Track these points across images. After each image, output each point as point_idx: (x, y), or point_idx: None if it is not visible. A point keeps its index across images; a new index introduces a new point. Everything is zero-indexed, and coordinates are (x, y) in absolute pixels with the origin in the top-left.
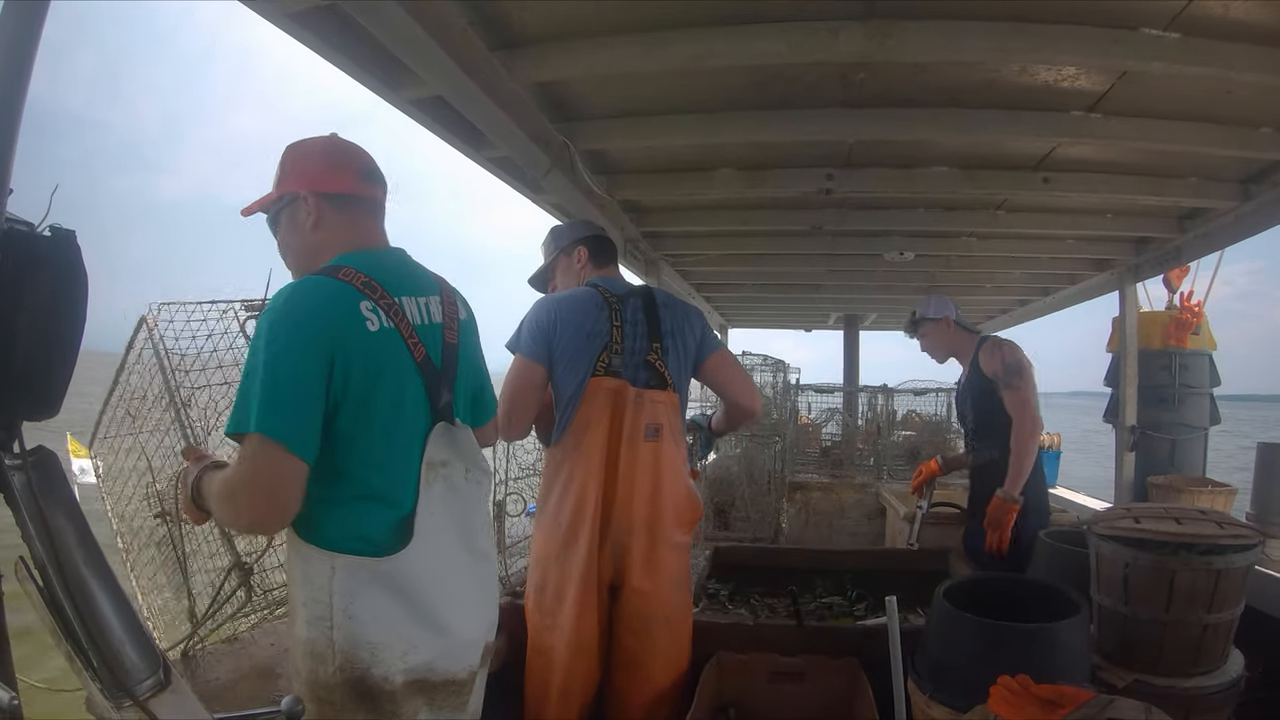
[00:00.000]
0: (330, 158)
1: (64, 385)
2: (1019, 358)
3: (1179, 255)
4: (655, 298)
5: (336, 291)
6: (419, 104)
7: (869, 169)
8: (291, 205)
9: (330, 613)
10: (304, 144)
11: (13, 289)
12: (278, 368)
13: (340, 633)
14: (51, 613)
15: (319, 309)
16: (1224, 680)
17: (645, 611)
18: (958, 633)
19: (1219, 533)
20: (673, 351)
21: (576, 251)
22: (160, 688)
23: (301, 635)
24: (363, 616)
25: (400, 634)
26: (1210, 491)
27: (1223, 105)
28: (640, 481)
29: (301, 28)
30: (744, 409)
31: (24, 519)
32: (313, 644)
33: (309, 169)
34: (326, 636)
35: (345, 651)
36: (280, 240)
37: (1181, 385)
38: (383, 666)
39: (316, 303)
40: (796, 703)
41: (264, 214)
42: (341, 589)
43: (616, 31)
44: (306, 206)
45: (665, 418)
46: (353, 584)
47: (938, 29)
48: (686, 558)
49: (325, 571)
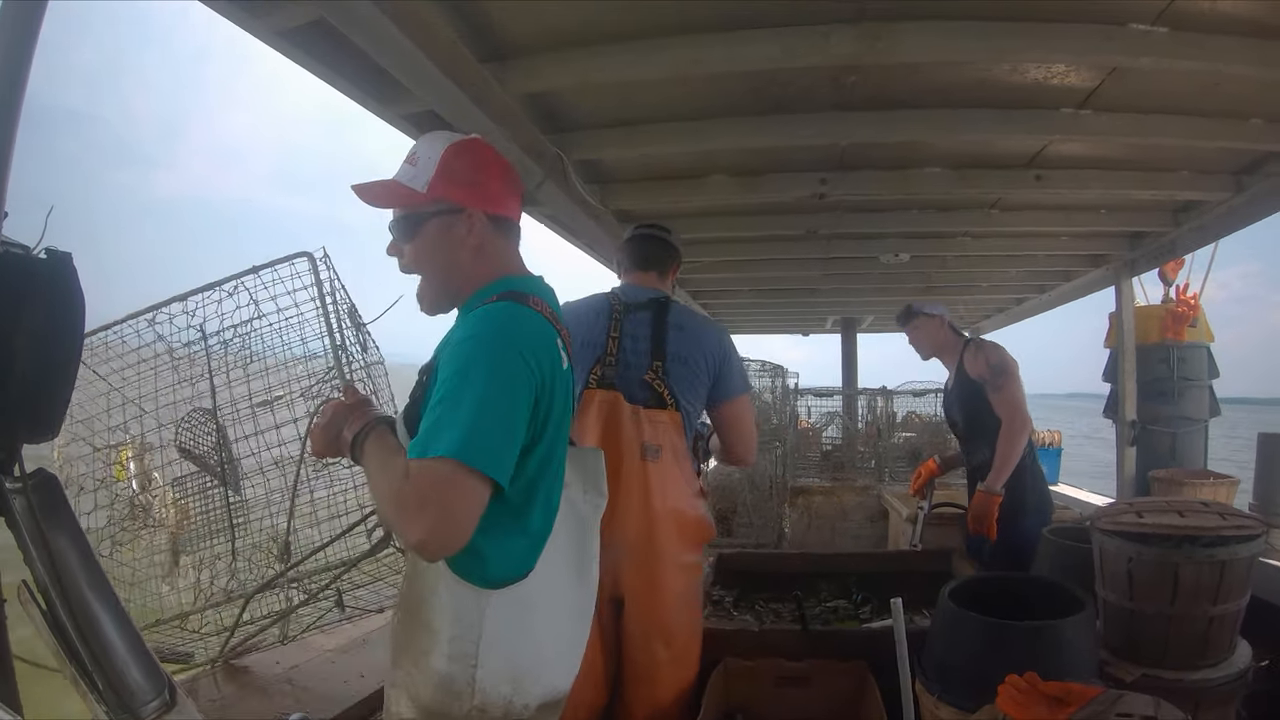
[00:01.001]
0: (506, 178)
1: (63, 406)
2: (1003, 358)
3: (1173, 248)
4: (668, 315)
5: (542, 326)
6: (411, 119)
7: (862, 171)
8: (450, 216)
9: (477, 651)
10: (476, 151)
11: (10, 311)
12: (489, 397)
13: (484, 671)
14: (55, 635)
15: (533, 343)
16: (1231, 672)
17: (646, 628)
18: (963, 633)
19: (1222, 524)
20: (675, 374)
21: (618, 258)
22: (166, 708)
23: (439, 669)
24: (507, 650)
25: (538, 659)
26: (1212, 484)
27: (1213, 98)
28: (632, 500)
29: (291, 44)
30: (737, 459)
31: (25, 542)
32: (451, 680)
33: (484, 185)
34: (469, 675)
35: (486, 690)
36: (422, 253)
37: (1180, 378)
38: (523, 696)
39: (531, 336)
40: (804, 707)
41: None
42: (492, 628)
43: (607, 40)
44: (469, 224)
45: (666, 437)
46: (501, 620)
47: (928, 30)
48: (696, 576)
49: (476, 610)
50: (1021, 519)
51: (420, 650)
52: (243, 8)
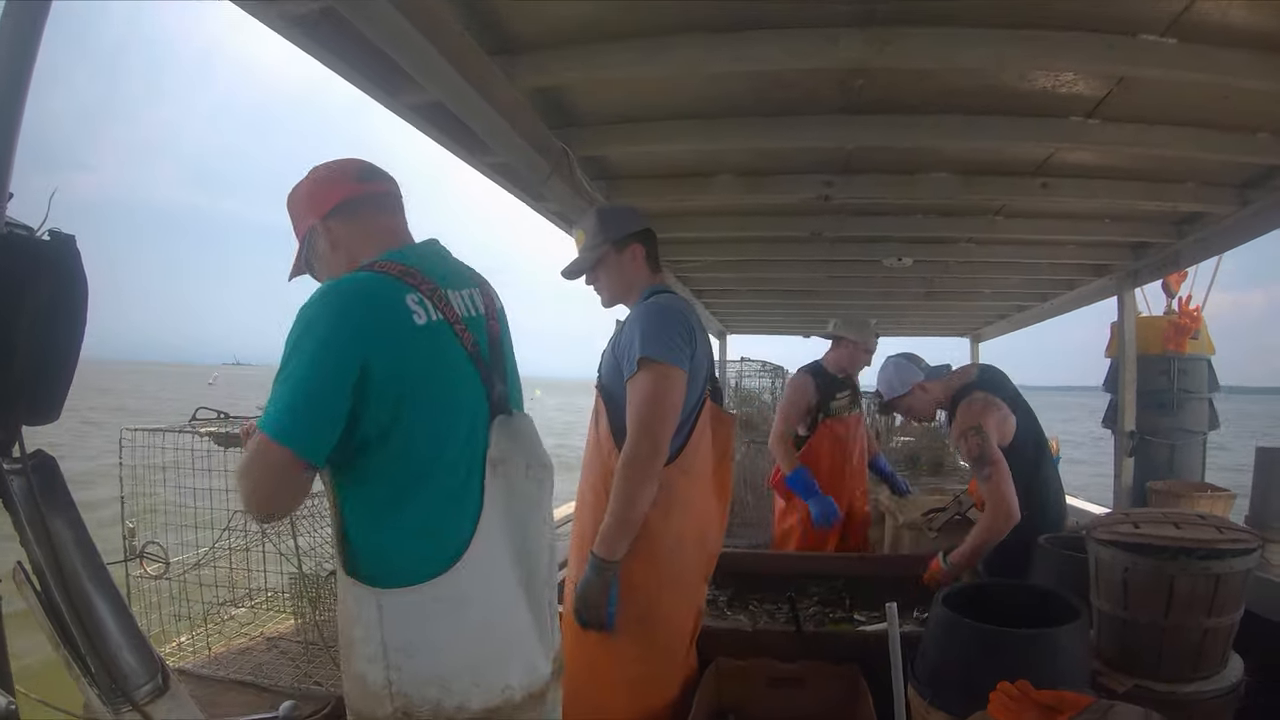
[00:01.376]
0: (320, 180)
1: (64, 389)
2: (984, 447)
3: (1177, 260)
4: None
5: (377, 285)
6: (418, 109)
7: (868, 175)
8: (311, 244)
9: (384, 652)
10: (296, 188)
11: (13, 293)
12: (303, 372)
13: (399, 673)
14: (49, 618)
15: (354, 307)
16: (1224, 685)
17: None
18: (957, 638)
19: (1218, 537)
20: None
21: (630, 249)
22: (158, 693)
23: (356, 671)
24: (424, 652)
25: (470, 659)
26: (1209, 496)
27: (1220, 110)
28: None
29: (299, 32)
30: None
31: (22, 523)
32: (367, 683)
33: (308, 201)
34: (382, 677)
35: (408, 694)
36: (317, 277)
37: (1180, 390)
38: (454, 698)
39: (352, 300)
40: (796, 709)
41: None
42: (392, 627)
43: (616, 37)
44: (320, 234)
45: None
46: (406, 619)
47: (936, 36)
48: None
49: (372, 610)
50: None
51: (344, 655)
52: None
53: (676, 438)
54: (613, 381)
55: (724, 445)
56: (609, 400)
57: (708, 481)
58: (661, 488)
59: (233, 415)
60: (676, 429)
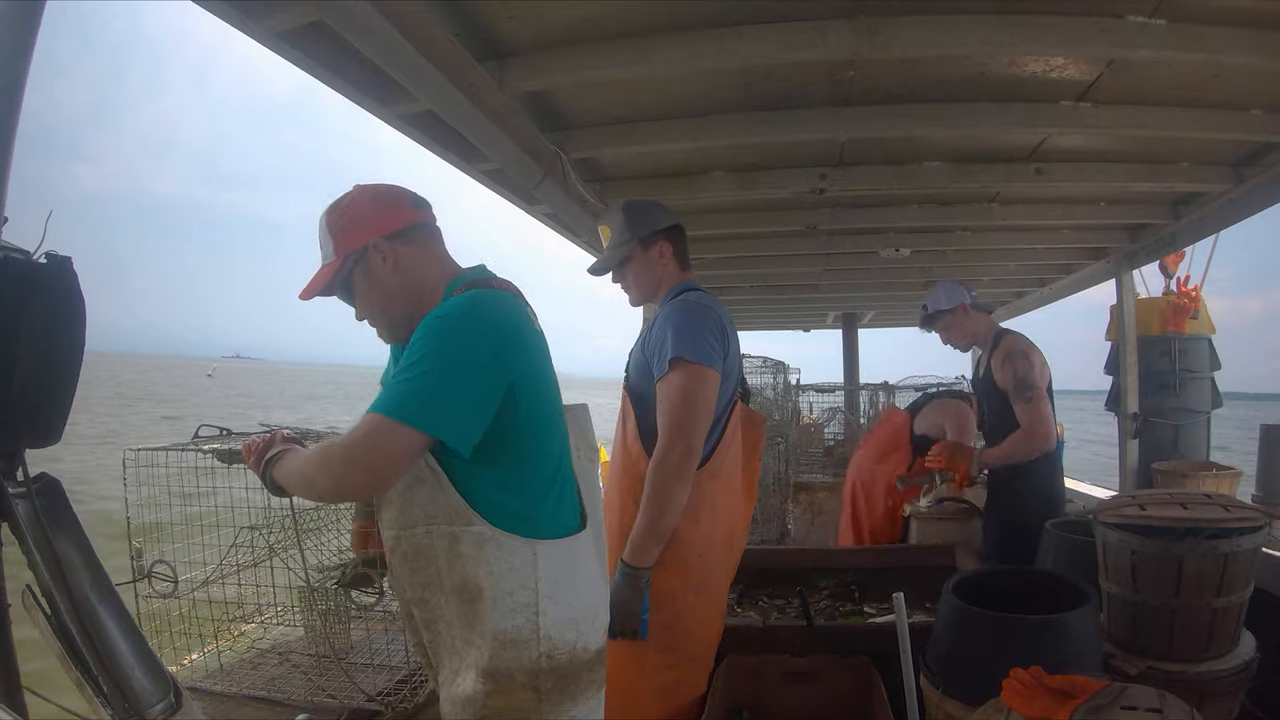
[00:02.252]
0: (379, 200)
1: (65, 411)
2: (1030, 372)
3: (1174, 241)
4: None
5: (512, 303)
6: (410, 119)
7: (861, 167)
8: (361, 261)
9: (536, 599)
10: (345, 202)
11: (11, 316)
12: (435, 366)
13: (547, 618)
14: (60, 640)
15: (505, 325)
16: (1236, 663)
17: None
18: (967, 627)
19: (1225, 516)
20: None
21: (658, 246)
22: (172, 710)
23: (496, 627)
24: (566, 596)
25: (589, 606)
26: (1215, 475)
27: (1212, 89)
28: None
29: (289, 46)
30: None
31: (30, 547)
32: (515, 632)
33: (365, 219)
34: (532, 623)
35: (552, 636)
36: (361, 301)
37: (1182, 370)
38: (585, 639)
39: (504, 319)
40: (810, 703)
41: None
42: (546, 575)
43: (604, 38)
44: (379, 254)
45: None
46: (557, 566)
47: (924, 24)
48: None
49: (528, 559)
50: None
51: (472, 622)
52: (240, 9)
53: (707, 441)
54: (642, 382)
55: (753, 445)
56: (637, 402)
57: (736, 483)
58: (690, 491)
59: (235, 432)
60: (709, 431)
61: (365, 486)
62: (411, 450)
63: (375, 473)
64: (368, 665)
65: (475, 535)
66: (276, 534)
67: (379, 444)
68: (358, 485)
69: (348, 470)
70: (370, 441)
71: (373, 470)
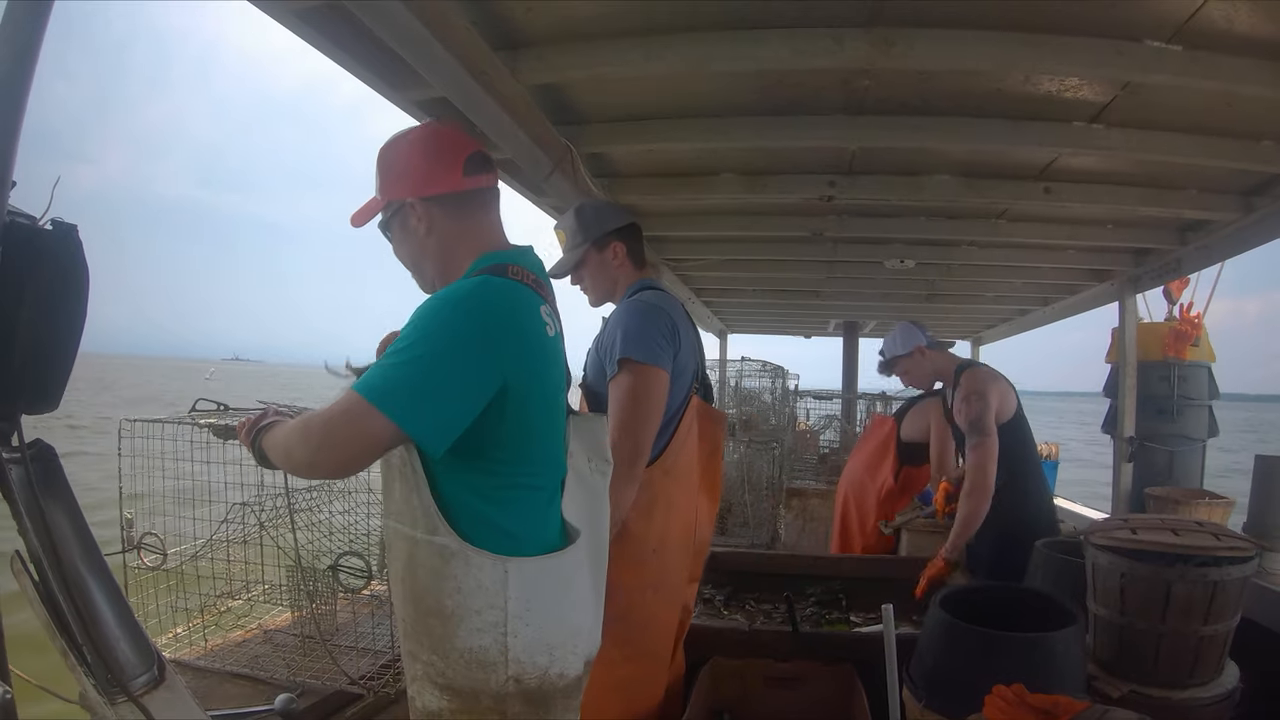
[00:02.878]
0: (430, 155)
1: (64, 378)
2: (983, 414)
3: (1179, 267)
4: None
5: (522, 298)
6: (423, 105)
7: (871, 176)
8: (400, 213)
9: (505, 619)
10: (401, 141)
11: (14, 282)
12: (423, 355)
13: (517, 640)
14: (46, 607)
15: (499, 310)
16: (1219, 692)
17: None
18: (953, 641)
19: (1216, 544)
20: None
21: (611, 247)
22: (154, 684)
23: (463, 645)
24: (540, 619)
25: (570, 629)
26: (1208, 504)
27: (1225, 118)
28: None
29: (305, 25)
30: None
31: (20, 512)
32: (482, 653)
33: (410, 171)
34: (500, 644)
35: (522, 660)
36: (395, 248)
37: (1180, 397)
38: (560, 665)
39: (498, 303)
40: (792, 708)
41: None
42: (518, 594)
43: (621, 34)
44: (415, 214)
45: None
46: (530, 587)
47: (942, 37)
48: None
49: (498, 576)
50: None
51: (438, 636)
52: None
53: (660, 438)
54: (598, 382)
55: (714, 442)
56: (594, 403)
57: (693, 480)
58: (642, 489)
59: (232, 407)
60: (660, 429)
61: (339, 466)
62: (383, 440)
63: (349, 453)
64: (352, 648)
65: (439, 548)
66: (268, 511)
67: (357, 426)
68: (333, 463)
69: (326, 445)
70: (348, 421)
71: (348, 450)
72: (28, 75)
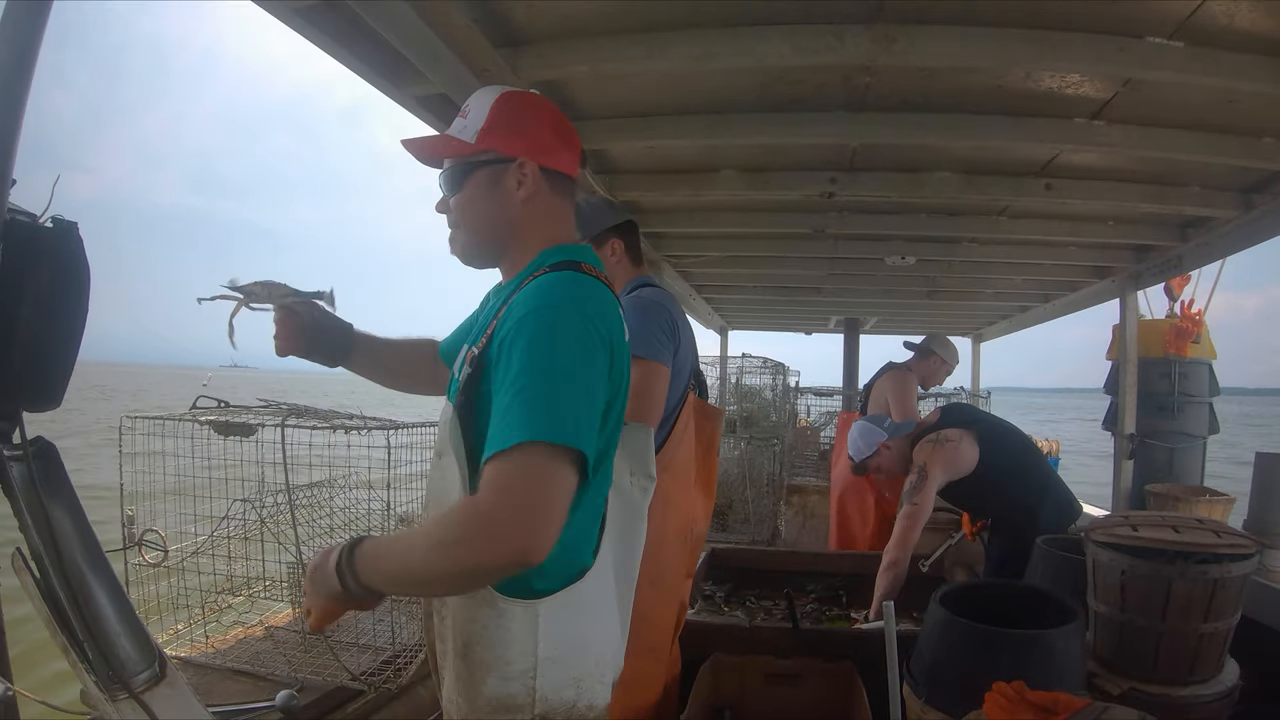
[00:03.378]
0: (560, 130)
1: (66, 376)
2: (919, 488)
3: (1180, 264)
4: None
5: (605, 292)
6: (423, 101)
7: (872, 173)
8: (499, 167)
9: (535, 665)
10: (528, 101)
11: (15, 279)
12: (566, 368)
13: (544, 680)
14: (48, 604)
15: (600, 309)
16: (1219, 690)
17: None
18: (953, 638)
19: (1216, 542)
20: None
21: (610, 244)
22: (155, 680)
23: (490, 692)
24: (568, 656)
25: (598, 660)
26: (1208, 501)
27: (1226, 115)
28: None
29: (305, 22)
30: None
31: (21, 509)
32: (509, 699)
33: (534, 135)
34: (528, 689)
35: (549, 698)
36: (461, 203)
37: (1181, 394)
38: (588, 696)
39: (597, 302)
40: (792, 705)
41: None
42: (548, 636)
43: (621, 31)
44: (520, 174)
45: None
46: (560, 625)
47: (943, 34)
48: None
49: (529, 624)
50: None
51: (464, 681)
52: None
53: (657, 435)
54: None
55: (710, 438)
56: None
57: (690, 477)
58: None
59: (233, 404)
60: (659, 425)
61: (556, 534)
62: (578, 478)
63: (559, 510)
64: (353, 645)
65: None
66: (268, 507)
67: (554, 477)
68: (551, 536)
69: (536, 521)
70: (538, 476)
71: (557, 507)
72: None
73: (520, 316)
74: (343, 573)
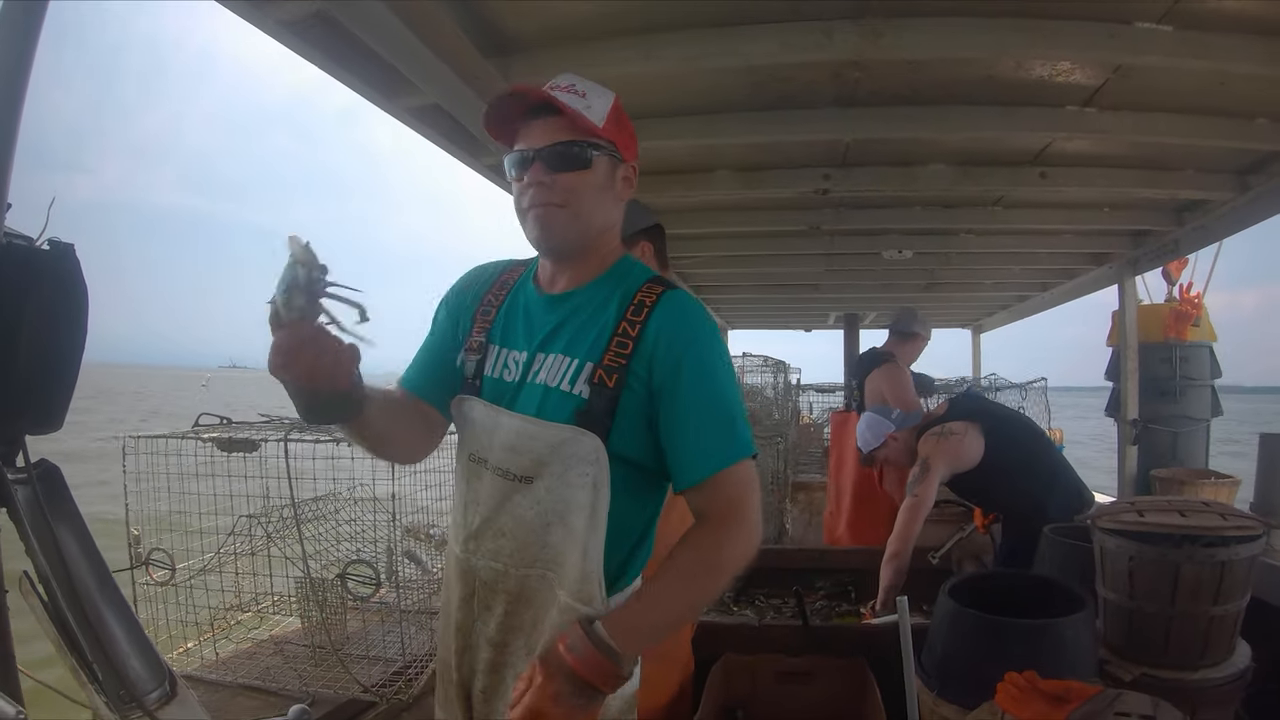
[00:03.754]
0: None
1: (67, 398)
2: (921, 480)
3: (1177, 248)
4: None
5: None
6: (416, 112)
7: (866, 168)
8: (613, 161)
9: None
10: (627, 117)
11: (13, 303)
12: (733, 387)
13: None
14: (56, 627)
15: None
16: (1231, 672)
17: None
18: (963, 630)
19: (1223, 524)
20: None
21: (639, 246)
22: (167, 699)
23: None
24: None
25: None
26: (1213, 483)
27: (1218, 97)
28: None
29: (293, 36)
30: None
31: (28, 533)
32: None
33: (634, 146)
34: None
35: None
36: (579, 179)
37: (1182, 377)
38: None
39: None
40: (804, 703)
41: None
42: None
43: (610, 34)
44: (627, 175)
45: None
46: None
47: (931, 26)
48: None
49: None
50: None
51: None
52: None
53: None
54: None
55: None
56: None
57: None
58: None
59: (235, 420)
60: None
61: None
62: None
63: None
64: (363, 657)
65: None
66: (275, 523)
67: (757, 486)
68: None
69: (758, 523)
70: (756, 487)
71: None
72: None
73: (692, 340)
74: (606, 669)
